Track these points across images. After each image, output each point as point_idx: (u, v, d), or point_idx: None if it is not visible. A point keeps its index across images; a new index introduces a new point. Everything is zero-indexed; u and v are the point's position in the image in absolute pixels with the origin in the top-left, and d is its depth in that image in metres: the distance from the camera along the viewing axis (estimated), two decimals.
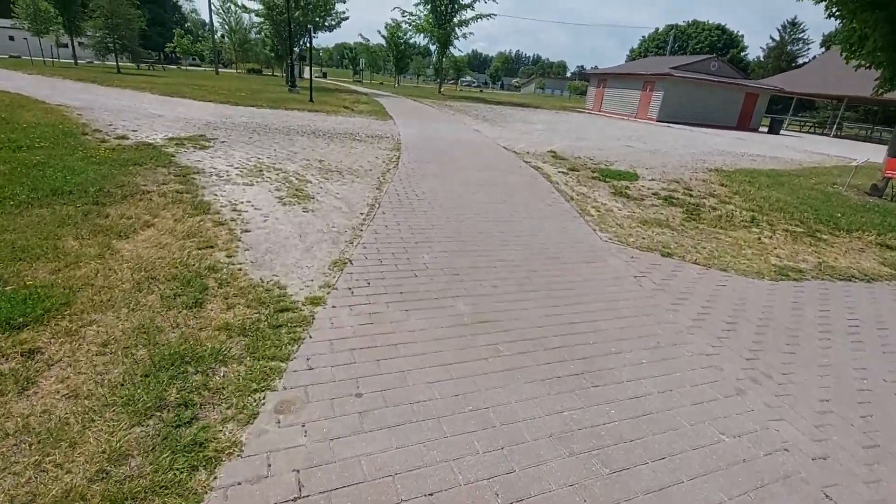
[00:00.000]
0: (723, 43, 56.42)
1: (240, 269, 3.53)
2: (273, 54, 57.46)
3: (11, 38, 43.14)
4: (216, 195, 5.31)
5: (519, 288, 3.78)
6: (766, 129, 31.38)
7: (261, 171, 6.72)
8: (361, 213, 5.33)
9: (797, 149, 19.30)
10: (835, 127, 35.61)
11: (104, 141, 7.48)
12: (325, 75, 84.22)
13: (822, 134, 36.09)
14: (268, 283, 3.38)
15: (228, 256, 3.74)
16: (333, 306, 3.17)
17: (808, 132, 37.21)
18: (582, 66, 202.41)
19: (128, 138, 7.92)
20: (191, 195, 5.15)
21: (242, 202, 5.18)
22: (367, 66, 74.77)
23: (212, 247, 3.86)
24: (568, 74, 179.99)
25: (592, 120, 25.74)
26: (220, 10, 49.96)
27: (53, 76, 20.65)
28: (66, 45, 35.22)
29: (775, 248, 5.56)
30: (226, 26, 51.52)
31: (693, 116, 30.24)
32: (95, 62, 36.32)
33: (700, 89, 30.16)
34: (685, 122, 29.59)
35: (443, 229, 5.03)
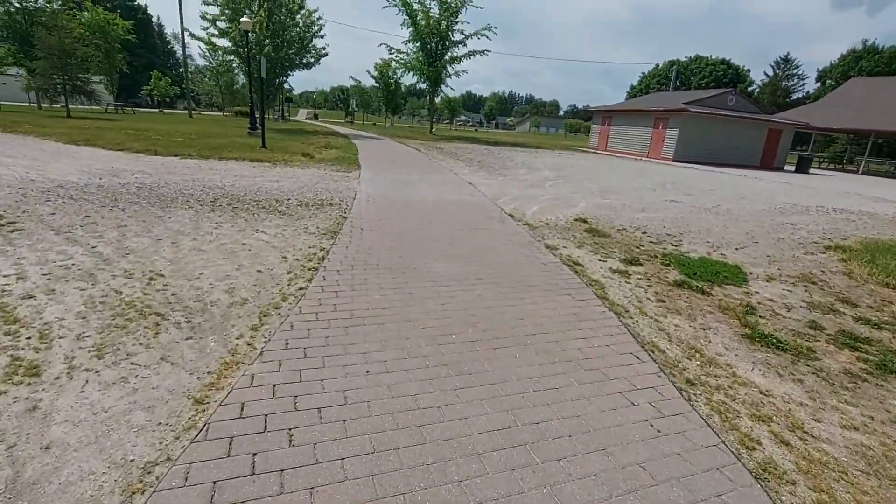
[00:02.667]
0: (728, 77, 54.61)
1: None
2: (258, 95, 55.76)
3: None
4: None
5: None
6: (792, 168, 28.26)
7: None
8: None
9: (865, 195, 15.77)
10: (862, 164, 32.57)
11: None
12: (316, 116, 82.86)
13: (846, 171, 33.05)
14: None
15: None
16: None
17: (826, 169, 34.21)
18: (574, 105, 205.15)
19: None
20: None
21: None
22: (358, 106, 73.26)
23: None
24: (561, 113, 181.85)
25: (604, 162, 22.40)
26: (206, 53, 47.97)
27: None
28: None
29: None
30: (211, 69, 49.47)
31: (711, 155, 27.10)
32: (43, 105, 33.29)
33: (718, 125, 27.16)
34: (703, 162, 26.39)
35: None
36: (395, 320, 3.44)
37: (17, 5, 28.67)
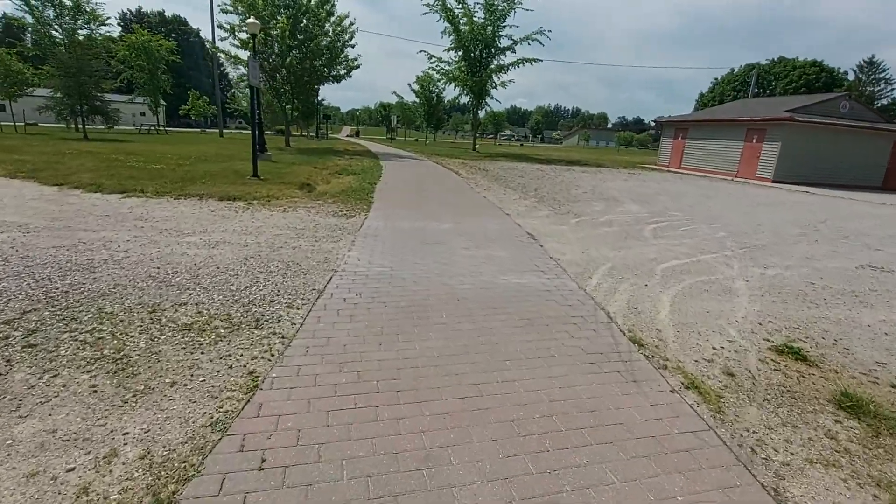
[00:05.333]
0: (821, 82, 47.53)
1: None
2: (296, 113, 54.43)
3: None
4: None
5: None
6: None
7: None
8: None
9: None
10: None
11: None
12: (357, 133, 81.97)
13: None
14: None
15: None
16: None
17: None
18: (623, 117, 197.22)
19: None
20: None
21: None
22: (400, 122, 71.11)
23: None
24: (609, 125, 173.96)
25: (691, 185, 17.79)
26: (228, 67, 46.93)
27: None
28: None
29: None
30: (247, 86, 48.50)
31: (821, 174, 21.78)
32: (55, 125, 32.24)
33: (829, 138, 21.88)
34: (809, 182, 21.13)
35: None
36: None
37: (58, 34, 27.30)
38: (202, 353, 3.04)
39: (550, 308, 4.19)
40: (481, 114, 34.86)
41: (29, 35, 30.17)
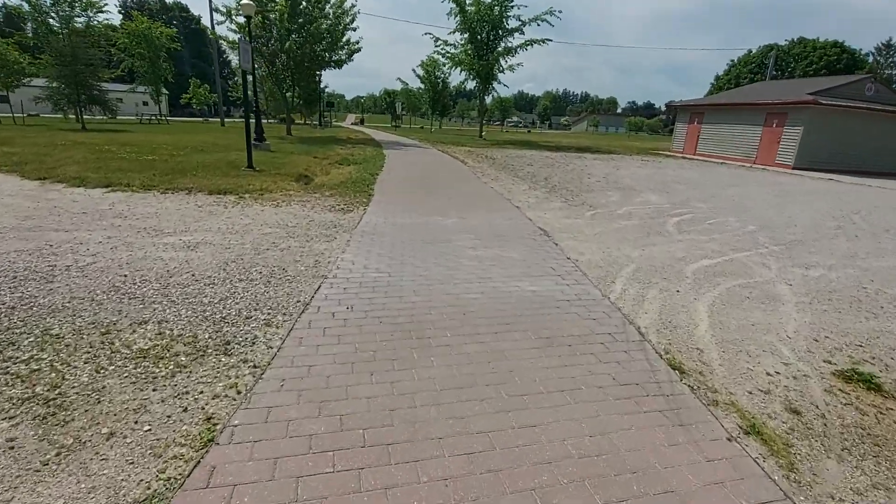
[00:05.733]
0: (843, 64, 45.68)
1: None
2: (300, 101, 53.48)
3: None
4: None
5: None
6: None
7: None
8: None
9: None
10: None
11: None
12: (362, 121, 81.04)
13: None
14: None
15: None
16: None
17: None
18: (633, 102, 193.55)
19: None
20: None
21: None
22: (405, 109, 69.92)
23: None
24: (619, 111, 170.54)
25: (709, 173, 16.98)
26: (264, 65, 46.16)
27: None
28: None
29: None
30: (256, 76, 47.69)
31: (845, 160, 20.81)
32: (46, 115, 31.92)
33: (856, 122, 20.87)
34: (833, 169, 20.20)
35: None
36: None
37: (56, 22, 26.67)
38: (154, 389, 2.51)
39: (572, 322, 3.62)
40: (488, 99, 33.97)
41: (29, 24, 29.63)
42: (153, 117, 37.89)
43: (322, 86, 58.32)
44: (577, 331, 3.48)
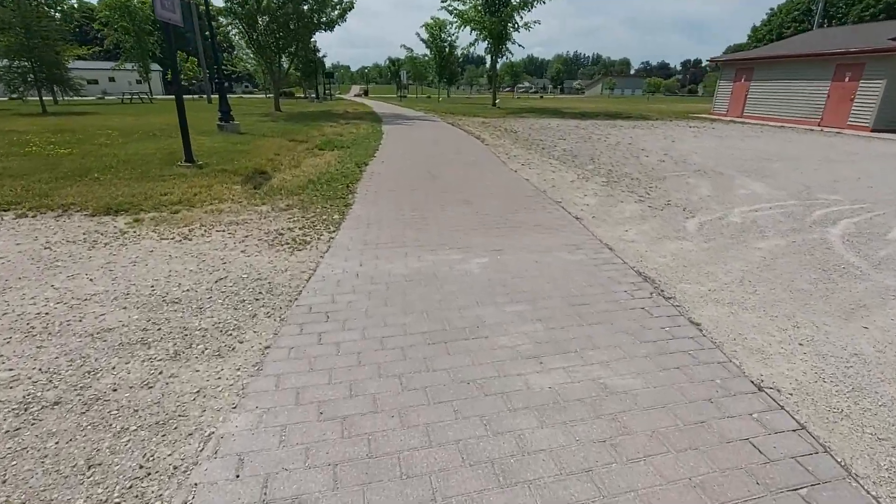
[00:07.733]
0: None
1: None
2: (299, 74, 49.58)
3: None
4: None
5: None
6: None
7: None
8: None
9: None
10: None
11: None
12: (366, 93, 76.90)
13: None
14: None
15: None
16: None
17: None
18: (647, 63, 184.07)
19: None
20: None
21: None
22: (411, 79, 65.56)
23: None
24: (632, 72, 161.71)
25: (788, 142, 13.62)
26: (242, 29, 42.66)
27: None
28: None
29: None
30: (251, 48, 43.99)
31: None
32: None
33: None
34: None
35: None
36: None
37: None
38: None
39: None
40: (500, 63, 30.26)
41: None
42: (135, 96, 34.94)
43: (320, 55, 54.22)
44: None
